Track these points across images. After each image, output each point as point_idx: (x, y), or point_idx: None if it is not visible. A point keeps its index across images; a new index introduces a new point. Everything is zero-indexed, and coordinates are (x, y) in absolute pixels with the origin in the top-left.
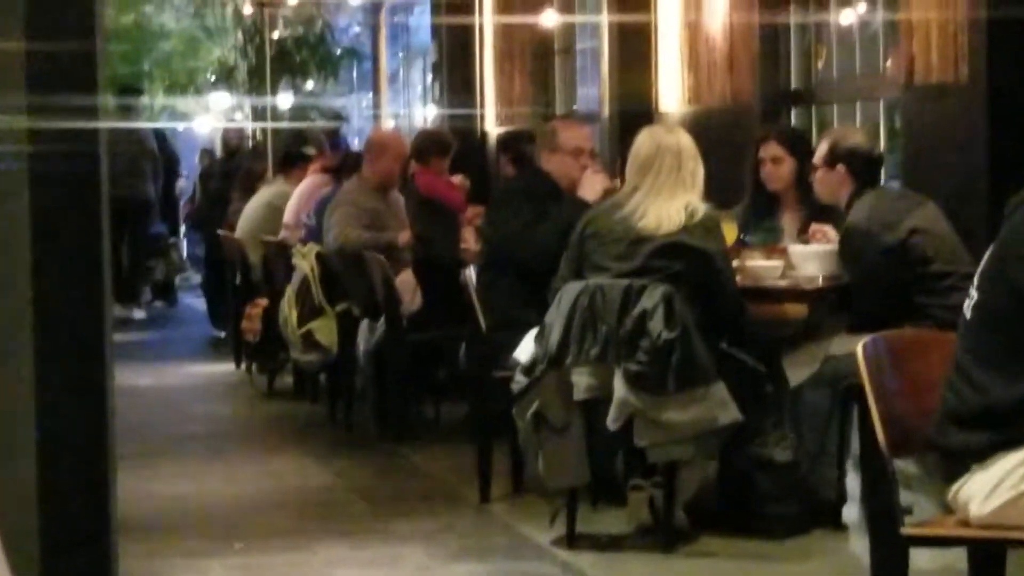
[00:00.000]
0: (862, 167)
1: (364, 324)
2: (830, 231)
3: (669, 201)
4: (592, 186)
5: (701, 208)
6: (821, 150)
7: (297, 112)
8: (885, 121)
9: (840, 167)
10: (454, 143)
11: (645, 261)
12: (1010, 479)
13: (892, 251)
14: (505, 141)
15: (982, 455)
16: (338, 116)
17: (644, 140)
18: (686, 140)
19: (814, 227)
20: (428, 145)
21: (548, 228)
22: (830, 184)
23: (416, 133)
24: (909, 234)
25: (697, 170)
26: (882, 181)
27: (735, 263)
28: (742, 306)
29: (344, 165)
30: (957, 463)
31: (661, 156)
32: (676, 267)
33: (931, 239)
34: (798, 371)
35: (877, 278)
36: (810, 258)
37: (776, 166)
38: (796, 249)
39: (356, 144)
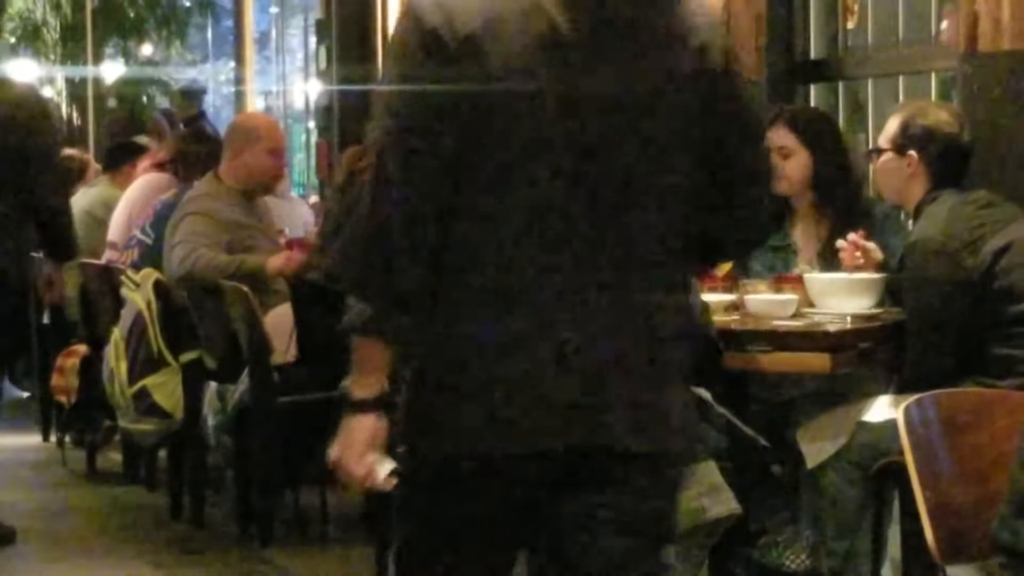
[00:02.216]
0: (943, 157)
1: (212, 387)
2: (873, 248)
3: None
4: None
5: None
6: (889, 129)
7: (130, 87)
8: (938, 100)
9: (912, 154)
10: None
11: None
12: None
13: (971, 280)
14: None
15: None
16: (193, 92)
17: None
18: None
19: (850, 239)
20: None
21: None
22: (896, 176)
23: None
24: (995, 257)
25: None
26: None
27: (730, 297)
28: (707, 329)
29: (186, 158)
30: None
31: None
32: None
33: (1023, 267)
34: (818, 447)
35: (947, 317)
36: (836, 289)
37: (784, 160)
38: (817, 278)
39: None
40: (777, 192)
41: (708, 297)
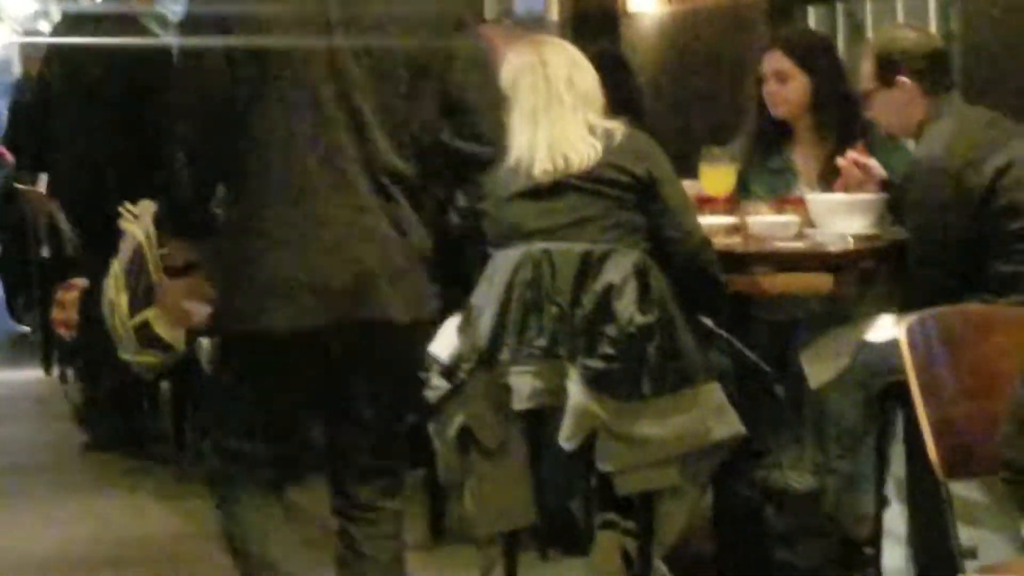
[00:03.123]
0: (931, 68)
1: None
2: (874, 164)
3: (555, 129)
4: None
5: (619, 127)
6: (866, 69)
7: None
8: (937, 21)
9: (902, 79)
10: None
11: (566, 215)
12: None
13: (973, 198)
14: None
15: None
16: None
17: (502, 73)
18: (555, 50)
19: (850, 156)
20: None
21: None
22: (895, 106)
23: None
24: (997, 175)
25: (580, 80)
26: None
27: (732, 219)
28: (710, 267)
29: None
30: None
31: (519, 81)
32: (618, 215)
33: None
34: (821, 367)
35: (949, 235)
36: (838, 209)
37: (782, 84)
38: (819, 198)
39: None
40: (776, 116)
41: (709, 220)
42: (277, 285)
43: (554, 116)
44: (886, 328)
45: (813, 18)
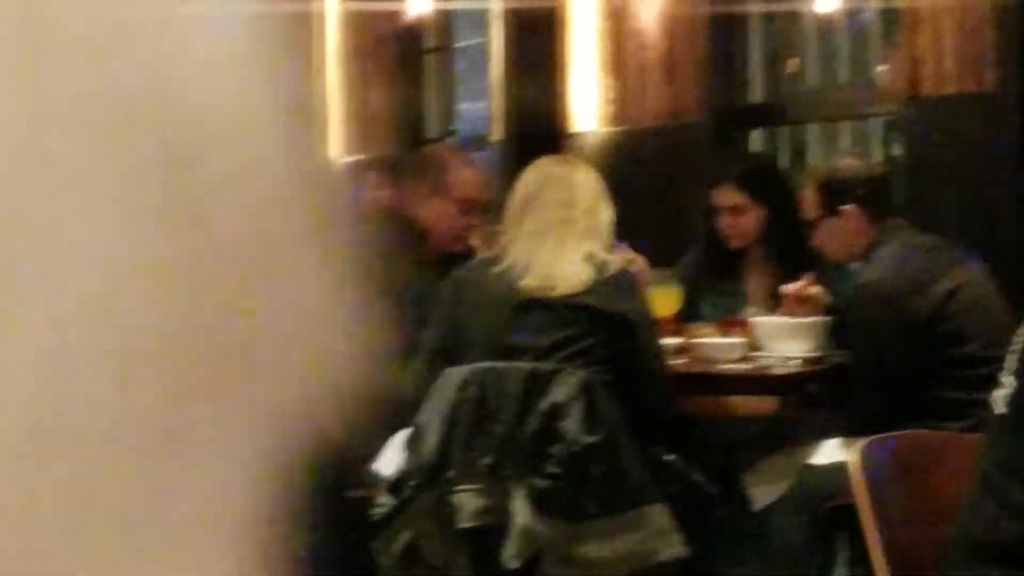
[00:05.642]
0: (875, 197)
1: None
2: (816, 294)
3: (558, 250)
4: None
5: (615, 261)
6: (810, 199)
7: None
8: (881, 146)
9: (850, 208)
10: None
11: (538, 335)
12: None
13: (919, 323)
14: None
15: None
16: None
17: (527, 174)
18: (585, 174)
19: (792, 291)
20: None
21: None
22: (841, 234)
23: None
24: (944, 300)
25: (598, 212)
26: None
27: (677, 340)
28: (670, 399)
29: None
30: None
31: (545, 191)
32: (586, 342)
33: (971, 310)
34: (765, 489)
35: (894, 360)
36: (783, 333)
37: (737, 217)
38: (763, 321)
39: None
40: (733, 247)
41: None
42: None
43: (562, 238)
44: (830, 451)
45: (757, 140)
